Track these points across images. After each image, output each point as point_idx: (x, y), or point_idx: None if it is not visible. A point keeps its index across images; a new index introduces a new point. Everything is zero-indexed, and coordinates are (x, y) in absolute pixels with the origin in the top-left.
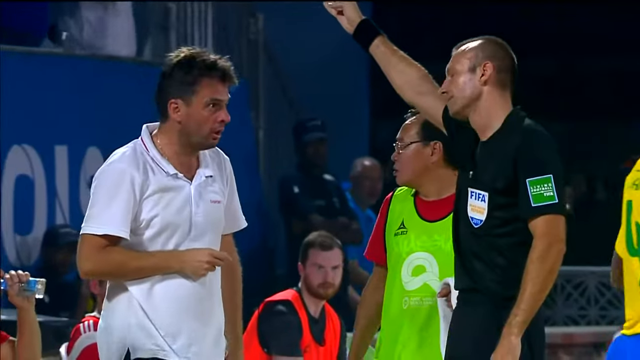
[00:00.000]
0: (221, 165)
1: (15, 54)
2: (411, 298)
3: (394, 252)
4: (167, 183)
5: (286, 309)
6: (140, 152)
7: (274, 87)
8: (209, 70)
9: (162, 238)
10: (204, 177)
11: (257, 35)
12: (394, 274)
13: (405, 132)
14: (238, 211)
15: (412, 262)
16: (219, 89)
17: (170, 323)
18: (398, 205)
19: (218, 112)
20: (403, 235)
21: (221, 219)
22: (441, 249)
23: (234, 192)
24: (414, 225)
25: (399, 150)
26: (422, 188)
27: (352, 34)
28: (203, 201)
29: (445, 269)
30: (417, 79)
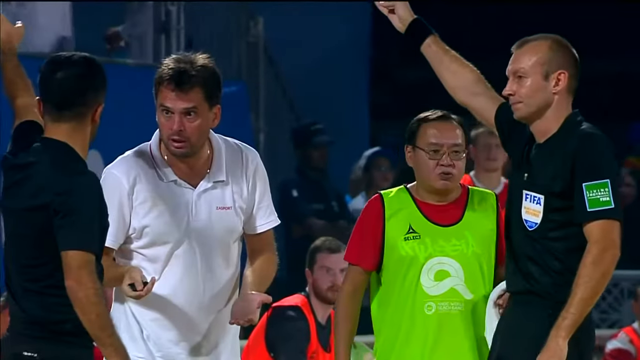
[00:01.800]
0: (241, 163)
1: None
2: (437, 303)
3: (403, 257)
4: (163, 190)
5: (296, 315)
6: (143, 157)
7: (274, 90)
8: (161, 77)
9: (156, 247)
10: (212, 183)
11: (257, 38)
12: (402, 279)
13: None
14: (268, 208)
15: (433, 267)
16: (167, 96)
17: (154, 329)
18: (397, 209)
19: (170, 120)
20: (416, 240)
21: (230, 225)
22: (464, 254)
23: (262, 188)
24: (426, 230)
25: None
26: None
27: (403, 33)
28: (206, 208)
29: (470, 274)
30: (470, 79)
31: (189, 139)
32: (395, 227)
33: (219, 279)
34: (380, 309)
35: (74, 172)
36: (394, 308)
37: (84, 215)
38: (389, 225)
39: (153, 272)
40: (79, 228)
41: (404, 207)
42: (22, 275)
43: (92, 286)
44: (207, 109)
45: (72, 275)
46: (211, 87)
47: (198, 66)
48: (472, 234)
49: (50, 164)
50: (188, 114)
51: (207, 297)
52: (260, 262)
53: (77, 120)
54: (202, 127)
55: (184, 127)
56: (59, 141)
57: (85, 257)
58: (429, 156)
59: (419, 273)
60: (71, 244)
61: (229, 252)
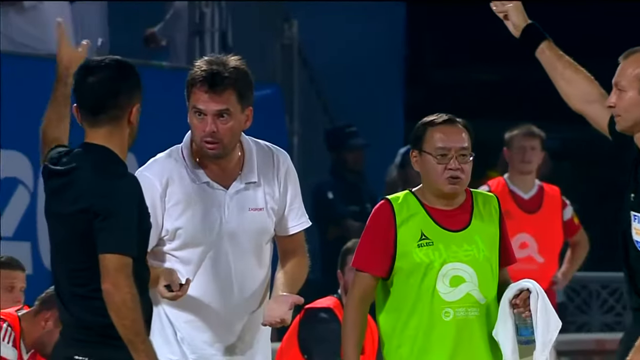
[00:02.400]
0: (273, 165)
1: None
2: (455, 309)
3: (418, 263)
4: (196, 191)
5: (328, 317)
6: (175, 159)
7: (308, 92)
8: (193, 79)
9: (189, 248)
10: (244, 184)
11: (291, 40)
12: (417, 286)
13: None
14: (300, 210)
15: (448, 273)
16: (200, 98)
17: (188, 331)
18: (408, 215)
19: (203, 121)
20: (430, 247)
21: (262, 226)
22: (476, 259)
23: (293, 190)
24: (437, 236)
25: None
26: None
27: (518, 38)
28: (238, 210)
29: (484, 278)
30: (584, 87)
31: (221, 140)
32: (407, 234)
33: (252, 280)
34: (391, 317)
35: (114, 175)
36: (409, 315)
37: (122, 218)
38: (400, 232)
39: (186, 273)
40: (117, 231)
41: (414, 213)
42: (70, 280)
43: (128, 291)
44: (239, 110)
45: (109, 278)
46: (243, 88)
47: (231, 68)
48: (481, 238)
49: (90, 168)
50: (221, 115)
51: (241, 298)
52: (292, 263)
53: (114, 124)
54: (235, 129)
55: (216, 129)
56: (98, 145)
57: (123, 260)
58: (437, 160)
59: (435, 280)
60: (109, 247)
61: (262, 253)
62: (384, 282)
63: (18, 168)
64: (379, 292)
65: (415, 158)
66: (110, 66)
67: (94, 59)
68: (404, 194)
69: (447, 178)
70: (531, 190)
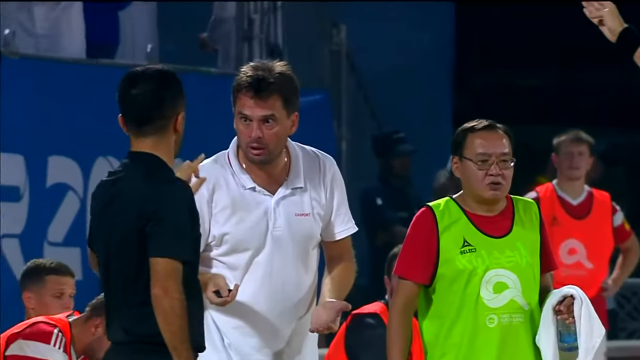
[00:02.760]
0: (319, 171)
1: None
2: (499, 315)
3: (461, 270)
4: (242, 197)
5: (375, 322)
6: (221, 165)
7: (356, 97)
8: (239, 85)
9: (236, 254)
10: (290, 190)
11: (339, 45)
12: (461, 293)
13: None
14: (346, 215)
15: (491, 280)
16: (246, 104)
17: (236, 337)
18: (450, 222)
19: (248, 127)
20: (473, 253)
21: (309, 231)
22: (519, 265)
23: (340, 195)
24: (480, 242)
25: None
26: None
27: (614, 42)
28: (285, 215)
29: (527, 285)
30: None
31: (267, 146)
32: (450, 241)
33: (299, 285)
34: (434, 324)
35: (164, 181)
36: (452, 322)
37: (173, 223)
38: (443, 238)
39: (233, 279)
40: (169, 235)
41: (456, 220)
42: (123, 287)
43: (177, 297)
44: (285, 116)
45: (159, 283)
46: (289, 94)
47: (276, 73)
48: (523, 244)
49: (139, 174)
50: (266, 121)
51: (288, 304)
52: (339, 269)
53: (159, 133)
54: (280, 135)
55: (262, 134)
56: (145, 153)
57: (173, 265)
58: (478, 166)
59: (479, 286)
60: (160, 252)
61: (308, 258)
62: (426, 290)
63: (67, 174)
64: (421, 299)
65: (456, 164)
66: (153, 77)
67: (136, 70)
68: (445, 200)
69: (488, 184)
70: (580, 196)
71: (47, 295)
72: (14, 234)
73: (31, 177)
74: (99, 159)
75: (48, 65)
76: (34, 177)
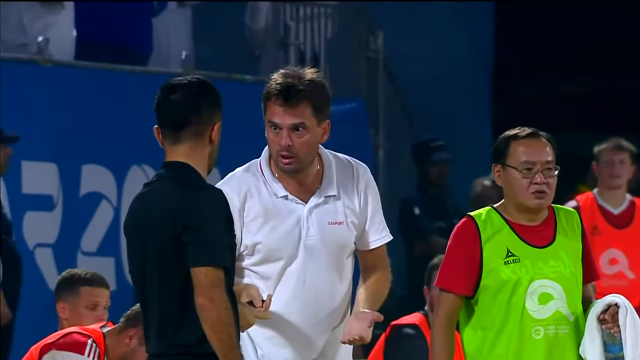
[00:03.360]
0: (352, 178)
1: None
2: (545, 327)
3: (505, 281)
4: (275, 206)
5: (414, 333)
6: (253, 173)
7: (394, 105)
8: (269, 93)
9: (269, 263)
10: (323, 198)
11: (376, 52)
12: (506, 304)
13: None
14: (381, 224)
15: (536, 290)
16: (275, 112)
17: (269, 348)
18: (492, 232)
19: (278, 135)
20: (517, 264)
21: (342, 240)
22: (563, 275)
23: (374, 203)
24: (524, 253)
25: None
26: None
27: None
28: (318, 224)
29: (571, 295)
30: None
31: (297, 154)
32: (493, 251)
33: (333, 295)
34: (477, 336)
35: (197, 187)
36: (497, 333)
37: (211, 230)
38: (486, 249)
39: (266, 289)
40: (208, 243)
41: (499, 230)
42: (159, 298)
43: (224, 305)
44: (315, 124)
45: (203, 292)
46: (320, 101)
47: (306, 80)
48: (566, 254)
49: (172, 182)
50: (296, 129)
51: (322, 314)
52: (374, 279)
53: (195, 141)
54: (311, 143)
55: (292, 143)
56: (178, 161)
57: (217, 273)
58: (523, 175)
59: (524, 297)
60: (202, 261)
61: (342, 267)
62: (468, 301)
63: (101, 183)
64: (462, 311)
65: (498, 172)
66: (192, 84)
67: (175, 80)
68: (486, 210)
69: (533, 193)
70: (621, 205)
71: (81, 307)
72: (47, 243)
73: (64, 186)
74: (133, 167)
75: (81, 72)
76: (67, 186)
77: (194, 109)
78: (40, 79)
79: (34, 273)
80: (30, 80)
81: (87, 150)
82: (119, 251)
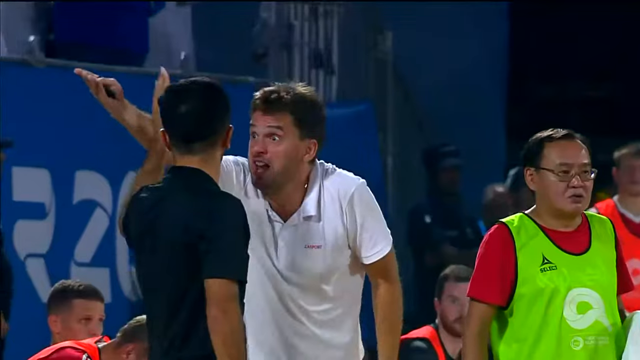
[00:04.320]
0: (337, 197)
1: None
2: (584, 337)
3: (542, 289)
4: (258, 214)
5: (424, 346)
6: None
7: (403, 109)
8: (254, 102)
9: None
10: (302, 219)
11: (385, 53)
12: (543, 314)
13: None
14: (372, 239)
15: (574, 299)
16: (254, 117)
17: None
18: (527, 238)
19: (254, 142)
20: (554, 271)
21: (319, 264)
22: (600, 283)
23: (362, 218)
24: (561, 260)
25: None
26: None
27: None
28: (294, 246)
29: (609, 304)
30: None
31: (270, 162)
32: (529, 258)
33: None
34: (512, 349)
35: (213, 195)
36: (533, 345)
37: (229, 241)
38: (521, 256)
39: None
40: (225, 254)
41: (533, 236)
42: (168, 309)
43: (238, 319)
44: (296, 136)
45: (218, 305)
46: (304, 116)
47: (293, 92)
48: (603, 262)
49: (186, 189)
50: (272, 136)
51: (295, 336)
52: (382, 301)
53: (208, 151)
54: (288, 155)
55: (264, 150)
56: (190, 167)
57: (232, 286)
58: (559, 178)
59: (562, 306)
60: (217, 272)
61: (322, 291)
62: (501, 312)
63: (96, 190)
64: (494, 323)
65: (530, 176)
66: (199, 92)
67: (181, 83)
68: (519, 216)
69: (570, 197)
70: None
71: (74, 320)
72: (38, 253)
73: (57, 193)
74: (130, 173)
75: (74, 73)
76: (60, 193)
77: (207, 122)
78: (31, 81)
79: (25, 285)
80: (20, 82)
81: (81, 155)
82: (114, 262)
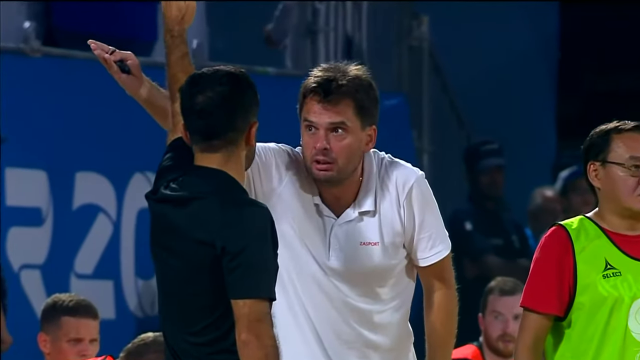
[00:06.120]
0: (395, 190)
1: None
2: None
3: (605, 297)
4: (307, 213)
5: None
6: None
7: (441, 103)
8: (305, 89)
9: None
10: (357, 214)
11: (420, 40)
12: (604, 324)
13: None
14: (431, 239)
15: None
16: (312, 109)
17: None
18: (587, 241)
19: (314, 137)
20: (618, 277)
21: (376, 263)
22: None
23: (421, 215)
24: (625, 266)
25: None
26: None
27: None
28: (347, 243)
29: None
30: None
31: (335, 160)
32: (589, 263)
33: (365, 317)
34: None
35: (241, 204)
36: (593, 359)
37: (258, 257)
38: (580, 261)
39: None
40: (253, 271)
41: (595, 239)
42: (187, 327)
43: (272, 343)
44: (358, 127)
45: (249, 328)
46: (365, 101)
47: (350, 76)
48: None
49: (213, 195)
50: (335, 130)
51: (344, 344)
52: (435, 311)
53: (230, 148)
54: (352, 149)
55: (329, 146)
56: (215, 169)
57: (263, 306)
58: (631, 172)
59: (626, 317)
60: (246, 292)
61: (377, 291)
62: (557, 324)
63: (98, 193)
64: (549, 337)
65: (595, 172)
66: (222, 83)
67: (203, 72)
68: (578, 219)
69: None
70: None
71: (63, 340)
72: (34, 264)
73: (55, 197)
74: (136, 175)
75: (74, 64)
76: (58, 197)
77: (228, 117)
78: (26, 72)
79: (19, 299)
80: (15, 73)
81: (81, 155)
82: (118, 273)
